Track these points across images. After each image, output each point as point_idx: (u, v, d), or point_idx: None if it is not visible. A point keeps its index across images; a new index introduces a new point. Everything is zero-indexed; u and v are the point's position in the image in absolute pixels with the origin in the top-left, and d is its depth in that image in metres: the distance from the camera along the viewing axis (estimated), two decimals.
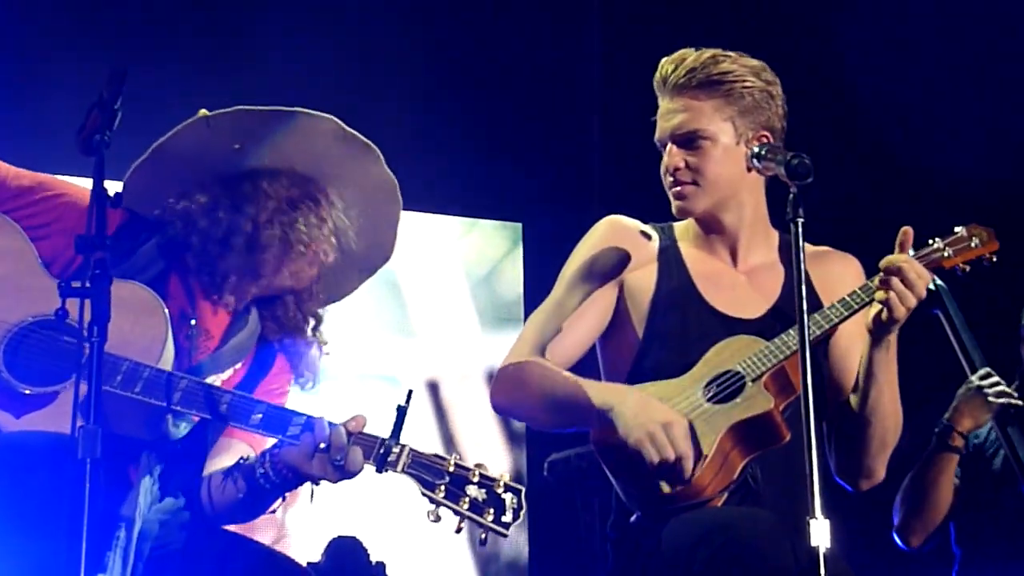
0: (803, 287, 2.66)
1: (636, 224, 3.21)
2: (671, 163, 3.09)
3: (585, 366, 3.14)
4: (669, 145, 3.10)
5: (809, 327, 2.85)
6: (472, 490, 2.67)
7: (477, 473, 2.69)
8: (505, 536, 2.66)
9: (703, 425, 2.87)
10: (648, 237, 3.18)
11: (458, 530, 2.68)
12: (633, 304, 3.12)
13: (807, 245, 3.16)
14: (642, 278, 3.13)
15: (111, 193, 2.50)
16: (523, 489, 2.69)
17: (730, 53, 3.12)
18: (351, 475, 2.72)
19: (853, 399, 3.05)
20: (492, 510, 2.66)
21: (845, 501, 3.00)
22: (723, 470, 2.87)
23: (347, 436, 2.70)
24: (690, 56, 3.10)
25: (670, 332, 3.06)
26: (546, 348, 3.07)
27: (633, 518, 2.95)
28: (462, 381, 6.80)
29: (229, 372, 2.99)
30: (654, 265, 3.14)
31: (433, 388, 6.75)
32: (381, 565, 5.87)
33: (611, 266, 3.13)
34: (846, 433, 3.08)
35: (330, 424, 2.73)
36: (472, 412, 6.66)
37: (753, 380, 2.91)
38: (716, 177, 3.05)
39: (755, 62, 3.13)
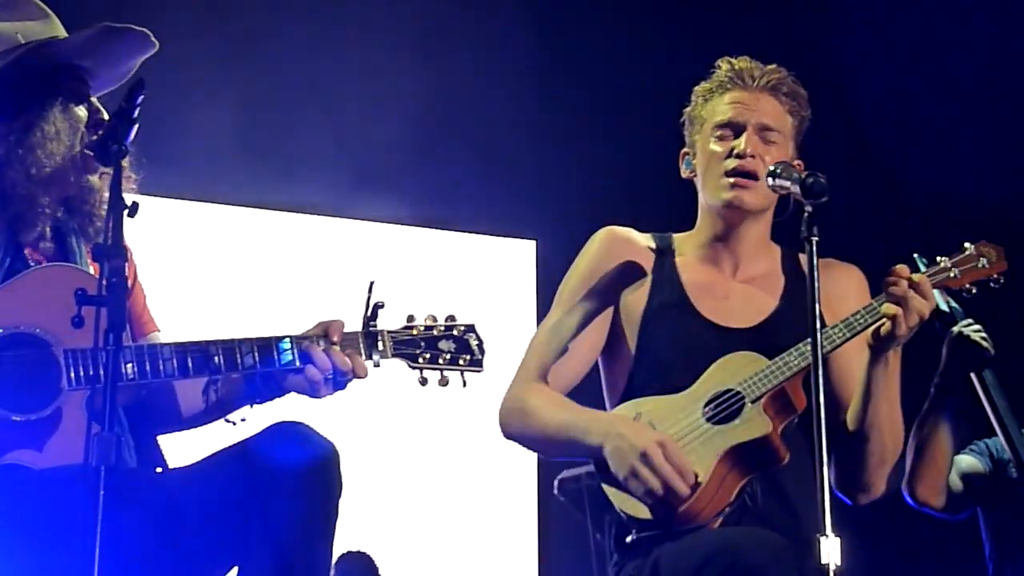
0: (817, 305, 2.61)
1: (632, 236, 3.15)
2: (748, 146, 3.00)
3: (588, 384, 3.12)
4: (747, 133, 3.02)
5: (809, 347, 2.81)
6: (444, 345, 2.84)
7: (440, 327, 2.84)
8: (480, 371, 2.84)
9: (700, 447, 2.85)
10: (645, 249, 3.13)
11: (444, 383, 2.83)
12: (627, 319, 3.07)
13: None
14: (636, 292, 3.08)
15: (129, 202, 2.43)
16: (474, 324, 2.88)
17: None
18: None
19: (850, 415, 3.00)
20: (466, 355, 2.85)
21: (852, 517, 2.98)
22: (719, 494, 2.84)
23: (345, 355, 2.72)
24: (760, 65, 3.08)
25: (661, 344, 3.02)
26: (548, 371, 3.03)
27: (629, 539, 2.91)
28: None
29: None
30: (648, 278, 3.09)
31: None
32: None
33: (608, 285, 3.07)
34: (844, 448, 3.02)
35: (323, 346, 2.71)
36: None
37: (752, 401, 2.88)
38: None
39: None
